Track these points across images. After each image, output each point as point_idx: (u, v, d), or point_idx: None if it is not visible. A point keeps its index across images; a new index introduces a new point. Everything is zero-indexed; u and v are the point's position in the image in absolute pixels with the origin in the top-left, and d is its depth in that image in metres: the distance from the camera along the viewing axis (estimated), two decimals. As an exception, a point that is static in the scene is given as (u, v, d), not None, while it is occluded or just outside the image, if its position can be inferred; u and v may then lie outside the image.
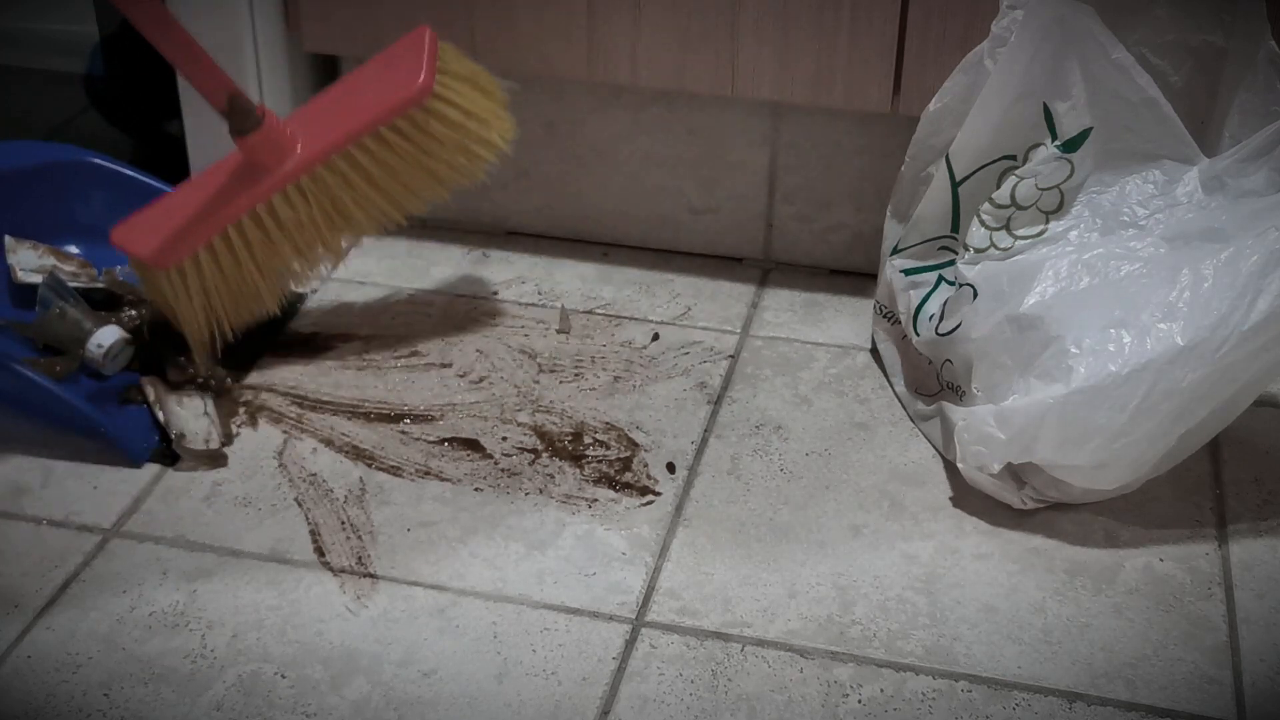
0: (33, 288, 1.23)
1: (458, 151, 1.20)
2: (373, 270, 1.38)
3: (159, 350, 1.21)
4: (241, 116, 1.14)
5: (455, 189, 1.22)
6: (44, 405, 1.13)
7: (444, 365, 1.25)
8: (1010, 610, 1.02)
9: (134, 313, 1.24)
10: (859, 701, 0.95)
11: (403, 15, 1.29)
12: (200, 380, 1.19)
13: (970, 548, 1.07)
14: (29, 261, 1.25)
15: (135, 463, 1.13)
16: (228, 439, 1.16)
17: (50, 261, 1.25)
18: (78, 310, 1.20)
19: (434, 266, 1.39)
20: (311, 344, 1.28)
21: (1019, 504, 1.09)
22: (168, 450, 1.14)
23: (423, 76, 1.16)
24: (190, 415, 1.16)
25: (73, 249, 1.29)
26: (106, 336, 1.19)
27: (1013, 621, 1.01)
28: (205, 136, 1.35)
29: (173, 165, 1.38)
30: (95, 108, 1.54)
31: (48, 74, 1.62)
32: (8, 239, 1.25)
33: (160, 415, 1.15)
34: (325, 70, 1.43)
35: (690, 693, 0.96)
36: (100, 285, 1.25)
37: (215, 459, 1.13)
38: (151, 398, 1.16)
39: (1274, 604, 1.03)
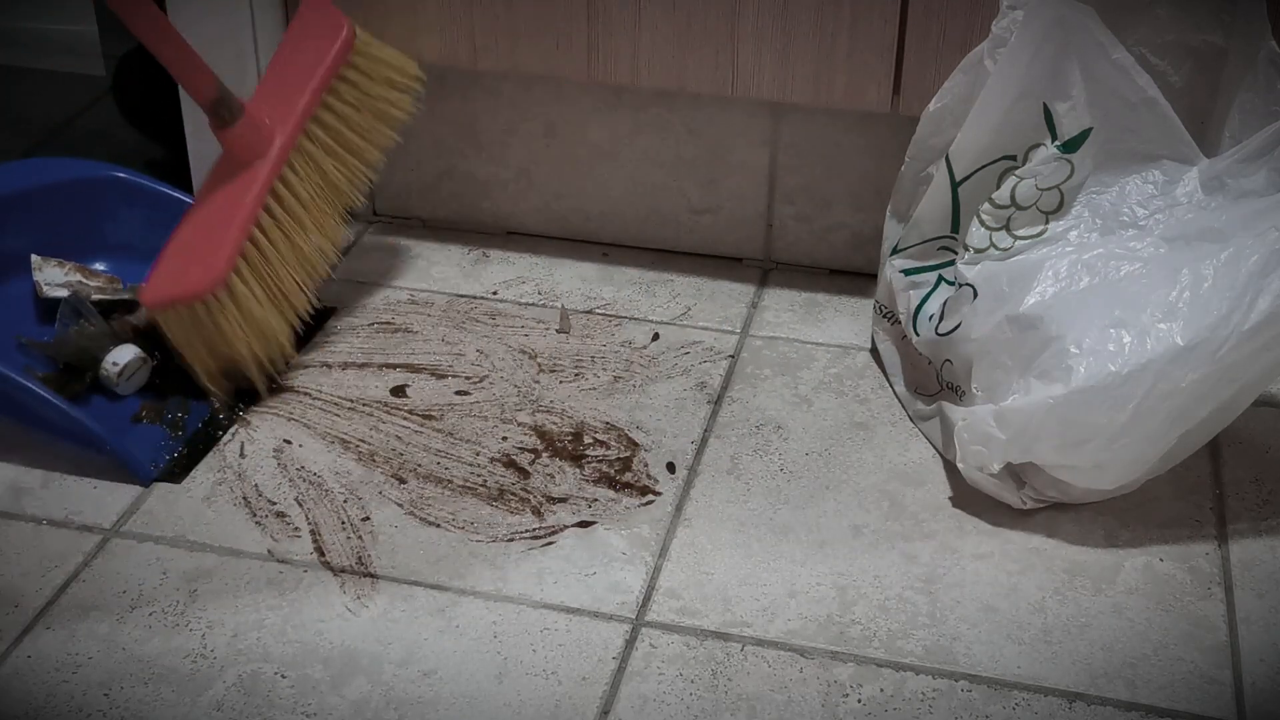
0: (57, 305, 1.21)
1: (389, 88, 1.24)
2: (373, 270, 1.38)
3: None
4: (227, 107, 1.15)
5: (398, 132, 1.26)
6: (54, 421, 1.11)
7: (444, 365, 1.25)
8: (1010, 610, 1.02)
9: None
10: (859, 701, 0.95)
11: (403, 15, 1.29)
12: (222, 414, 1.19)
13: (970, 548, 1.07)
14: (55, 279, 1.23)
15: (143, 482, 1.12)
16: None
17: (76, 278, 1.23)
18: (96, 329, 1.19)
19: (434, 266, 1.39)
20: (311, 344, 1.28)
21: (1019, 504, 1.09)
22: (174, 469, 1.13)
23: (345, 27, 1.21)
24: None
25: (101, 266, 1.27)
26: (122, 356, 1.18)
27: (1013, 621, 1.01)
28: (206, 142, 1.35)
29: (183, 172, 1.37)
30: (121, 112, 1.52)
31: (48, 74, 1.62)
32: (34, 257, 1.24)
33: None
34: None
35: (690, 692, 0.96)
36: (125, 297, 1.23)
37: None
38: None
39: (1274, 604, 1.03)
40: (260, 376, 1.19)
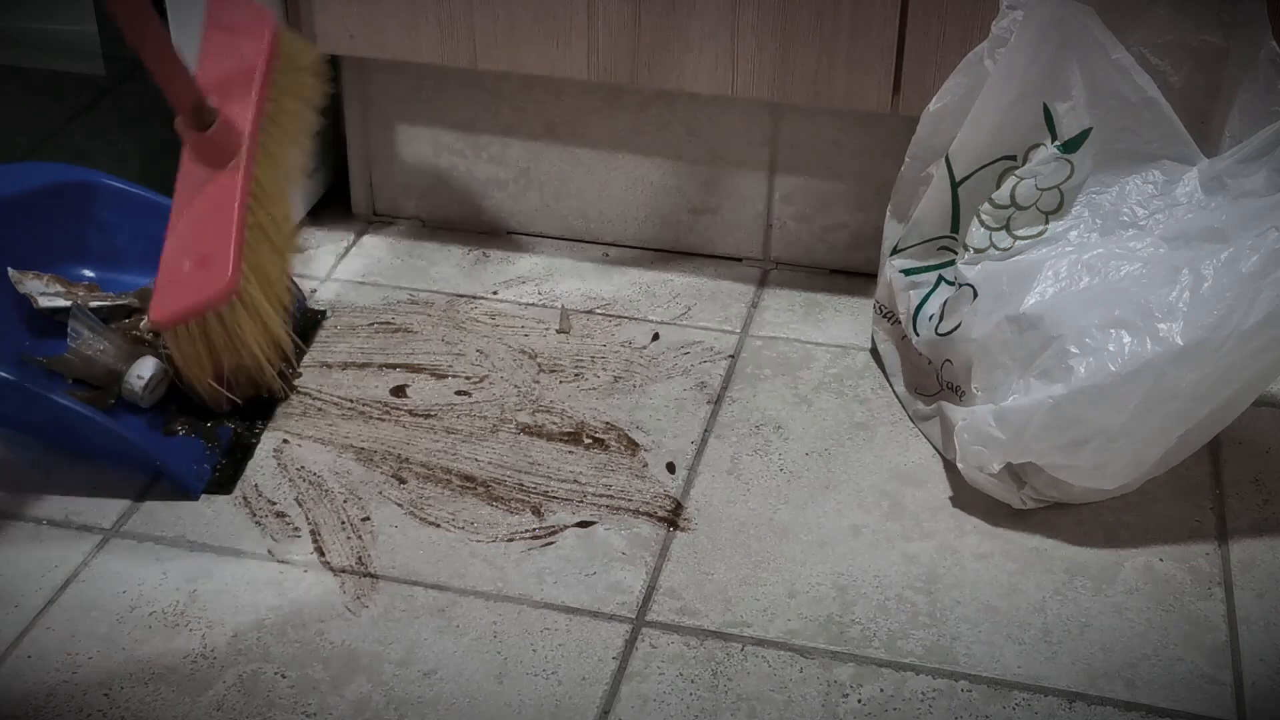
0: (49, 318, 1.18)
1: (307, 75, 1.23)
2: (373, 270, 1.38)
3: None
4: (206, 111, 1.13)
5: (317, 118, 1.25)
6: (93, 440, 1.10)
7: (444, 365, 1.25)
8: (1010, 610, 1.02)
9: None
10: (859, 701, 0.95)
11: (404, 15, 1.29)
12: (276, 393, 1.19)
13: (970, 548, 1.07)
14: (42, 290, 1.19)
15: (193, 494, 1.10)
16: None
17: (58, 289, 1.20)
18: (110, 342, 1.16)
19: (434, 266, 1.39)
20: (312, 344, 1.28)
21: (1019, 504, 1.09)
22: (221, 480, 1.12)
23: (272, 18, 1.20)
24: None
25: (87, 273, 1.24)
26: (146, 368, 1.14)
27: (1013, 621, 1.01)
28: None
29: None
30: None
31: (48, 74, 1.62)
32: (11, 272, 1.19)
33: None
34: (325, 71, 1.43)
35: (690, 692, 0.96)
36: (124, 303, 1.21)
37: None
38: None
39: (1274, 604, 1.03)
40: (274, 379, 1.17)
